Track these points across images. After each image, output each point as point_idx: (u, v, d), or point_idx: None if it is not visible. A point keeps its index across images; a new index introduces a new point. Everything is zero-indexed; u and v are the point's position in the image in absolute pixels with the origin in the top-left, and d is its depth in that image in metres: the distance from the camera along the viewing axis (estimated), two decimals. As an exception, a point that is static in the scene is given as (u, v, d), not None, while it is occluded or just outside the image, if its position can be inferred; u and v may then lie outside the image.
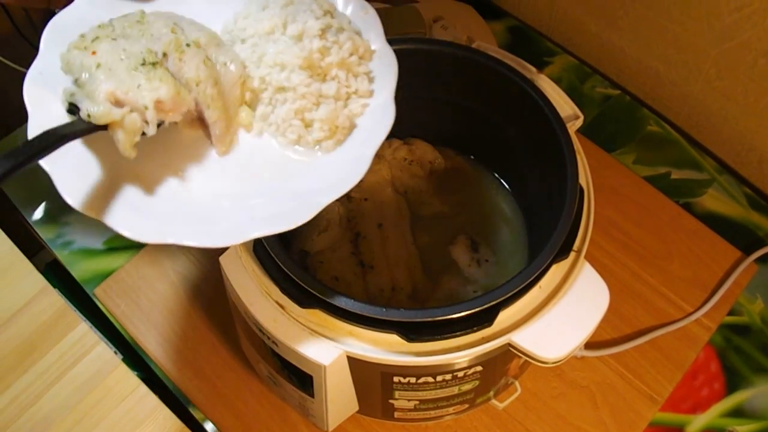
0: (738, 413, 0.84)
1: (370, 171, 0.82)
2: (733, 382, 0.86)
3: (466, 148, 0.86)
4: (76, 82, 0.56)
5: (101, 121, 0.53)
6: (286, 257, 0.62)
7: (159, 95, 0.54)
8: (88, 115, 0.53)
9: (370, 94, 0.62)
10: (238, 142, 0.61)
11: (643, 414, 0.82)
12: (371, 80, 0.62)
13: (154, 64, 0.56)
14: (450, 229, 0.81)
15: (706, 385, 0.85)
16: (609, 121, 1.04)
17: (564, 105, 0.73)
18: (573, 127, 0.71)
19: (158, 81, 0.55)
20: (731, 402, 0.84)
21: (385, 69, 0.62)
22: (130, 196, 0.57)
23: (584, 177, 0.69)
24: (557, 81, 1.04)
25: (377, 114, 0.61)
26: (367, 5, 0.66)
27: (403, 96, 0.79)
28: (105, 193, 0.56)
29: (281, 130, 0.60)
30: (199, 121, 0.60)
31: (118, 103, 0.54)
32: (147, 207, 0.57)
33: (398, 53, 0.74)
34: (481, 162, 0.86)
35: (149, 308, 0.88)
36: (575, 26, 1.10)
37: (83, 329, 0.85)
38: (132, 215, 0.56)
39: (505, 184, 0.84)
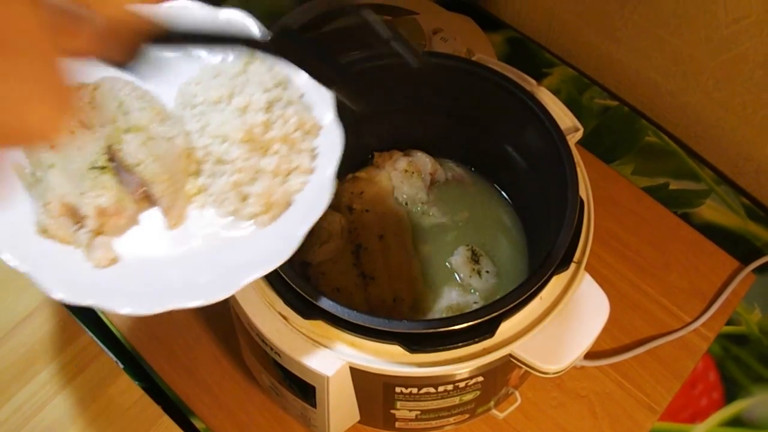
0: (737, 422, 0.84)
1: (371, 182, 0.83)
2: (731, 392, 0.86)
3: (466, 160, 0.87)
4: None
5: (53, 237, 0.57)
6: (289, 268, 0.62)
7: (99, 203, 0.57)
8: (43, 230, 0.56)
9: (312, 171, 0.61)
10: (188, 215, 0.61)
11: (642, 424, 0.83)
12: (314, 157, 0.62)
13: (102, 168, 0.58)
14: (451, 240, 0.82)
15: (705, 395, 0.86)
16: (608, 132, 1.05)
17: (564, 117, 0.73)
18: (573, 139, 0.72)
19: (101, 188, 0.57)
20: (730, 411, 0.85)
21: (330, 146, 0.61)
22: (59, 252, 0.57)
23: (584, 189, 0.69)
24: (556, 92, 1.05)
25: (315, 192, 0.60)
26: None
27: (404, 108, 0.81)
28: (39, 250, 0.56)
29: (219, 201, 0.60)
30: (148, 197, 0.60)
31: (65, 208, 0.57)
32: (74, 264, 0.57)
33: (399, 66, 0.75)
34: (481, 173, 0.86)
35: (151, 318, 0.88)
36: (574, 38, 1.10)
37: (85, 340, 0.85)
38: (59, 272, 0.55)
39: (505, 195, 0.85)
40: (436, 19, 1.05)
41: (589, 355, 0.85)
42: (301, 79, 0.65)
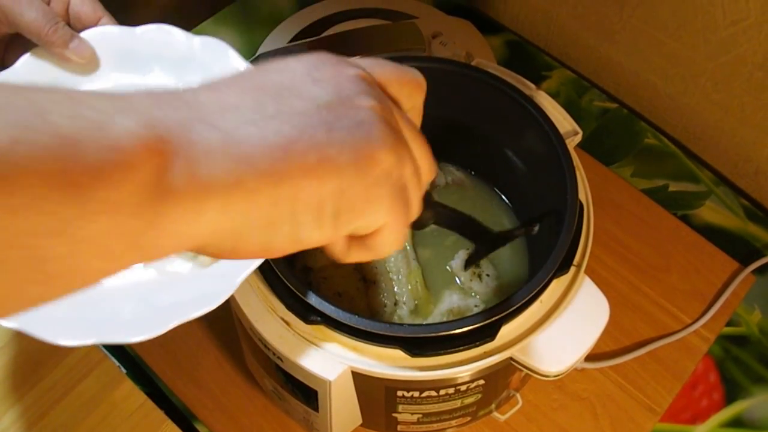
0: (737, 423, 0.85)
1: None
2: (731, 393, 0.86)
3: (466, 164, 0.87)
4: None
5: None
6: (291, 274, 0.63)
7: None
8: None
9: None
10: None
11: (643, 425, 0.83)
12: None
13: None
14: (450, 245, 0.82)
15: (706, 396, 0.86)
16: (607, 134, 1.05)
17: (563, 121, 0.74)
18: (572, 143, 0.72)
19: None
20: (730, 412, 0.85)
21: None
22: None
23: (584, 192, 0.70)
24: (555, 95, 1.05)
25: None
26: None
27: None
28: None
29: None
30: None
31: None
32: None
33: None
34: (481, 177, 0.87)
35: (154, 324, 0.89)
36: (572, 41, 1.11)
37: (88, 345, 0.86)
38: None
39: (505, 199, 0.85)
40: (435, 24, 1.06)
41: (590, 357, 0.86)
42: None
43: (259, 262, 0.59)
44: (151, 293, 0.58)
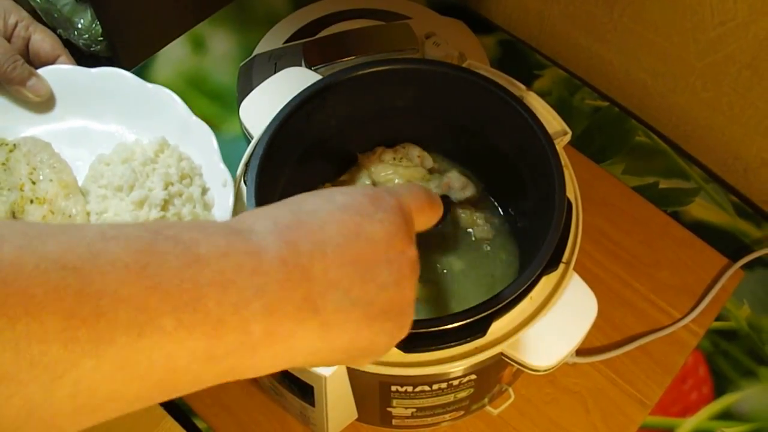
0: (726, 416, 0.86)
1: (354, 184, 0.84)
2: (721, 386, 0.88)
3: (458, 162, 0.88)
4: None
5: None
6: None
7: None
8: None
9: None
10: None
11: (634, 418, 0.84)
12: None
13: None
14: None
15: (695, 389, 0.88)
16: (598, 132, 1.06)
17: (552, 121, 0.75)
18: (561, 142, 0.73)
19: None
20: (719, 405, 0.87)
21: None
22: None
23: (572, 191, 0.71)
24: (547, 94, 1.07)
25: None
26: (229, 179, 0.68)
27: (396, 112, 0.82)
28: None
29: None
30: None
31: None
32: None
33: (391, 73, 0.77)
34: (473, 175, 0.87)
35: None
36: (564, 40, 1.12)
37: None
38: None
39: (496, 196, 0.86)
40: (428, 24, 1.07)
41: (581, 352, 0.87)
42: (211, 172, 0.68)
43: None
44: None
